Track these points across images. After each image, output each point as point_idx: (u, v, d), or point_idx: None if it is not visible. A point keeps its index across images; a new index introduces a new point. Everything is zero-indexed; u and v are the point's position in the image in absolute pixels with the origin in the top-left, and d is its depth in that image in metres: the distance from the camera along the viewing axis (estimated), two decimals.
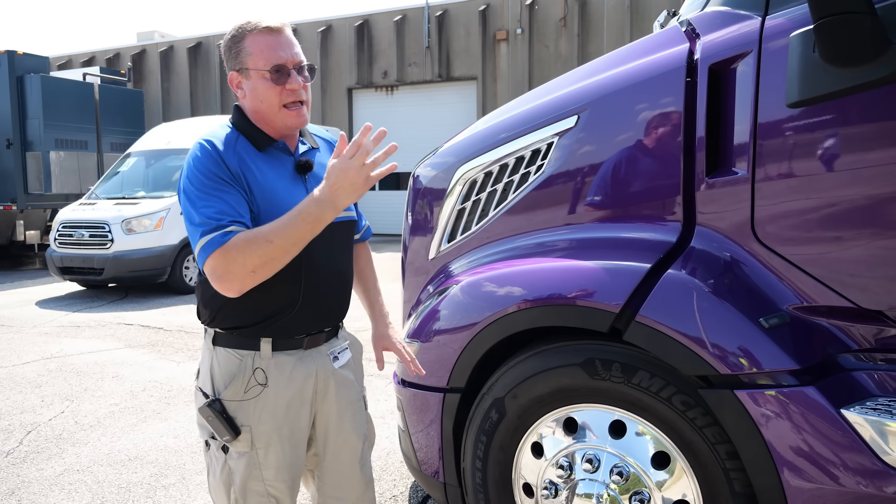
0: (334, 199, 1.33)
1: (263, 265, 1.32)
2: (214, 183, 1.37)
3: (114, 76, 13.98)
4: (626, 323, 1.69)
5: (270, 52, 1.43)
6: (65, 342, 5.92)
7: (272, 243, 1.31)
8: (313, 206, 1.33)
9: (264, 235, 1.32)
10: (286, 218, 1.33)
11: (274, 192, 1.45)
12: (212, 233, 1.32)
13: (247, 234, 1.33)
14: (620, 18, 15.05)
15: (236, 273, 1.31)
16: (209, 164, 1.39)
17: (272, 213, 1.40)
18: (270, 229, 1.33)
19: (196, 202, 1.37)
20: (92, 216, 8.53)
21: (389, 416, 3.79)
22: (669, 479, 1.70)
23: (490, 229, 2.13)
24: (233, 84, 1.50)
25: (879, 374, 1.57)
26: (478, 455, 1.97)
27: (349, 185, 1.32)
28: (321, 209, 1.33)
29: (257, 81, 1.45)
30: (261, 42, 1.44)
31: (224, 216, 1.34)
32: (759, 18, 1.65)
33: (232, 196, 1.37)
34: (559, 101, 2.01)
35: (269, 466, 1.52)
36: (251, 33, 1.45)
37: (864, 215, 1.55)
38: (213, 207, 1.35)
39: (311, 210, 1.33)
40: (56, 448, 3.48)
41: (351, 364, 1.69)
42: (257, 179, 1.44)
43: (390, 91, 17.75)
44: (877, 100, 1.50)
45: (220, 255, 1.31)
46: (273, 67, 1.43)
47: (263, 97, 1.45)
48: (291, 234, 1.32)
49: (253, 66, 1.44)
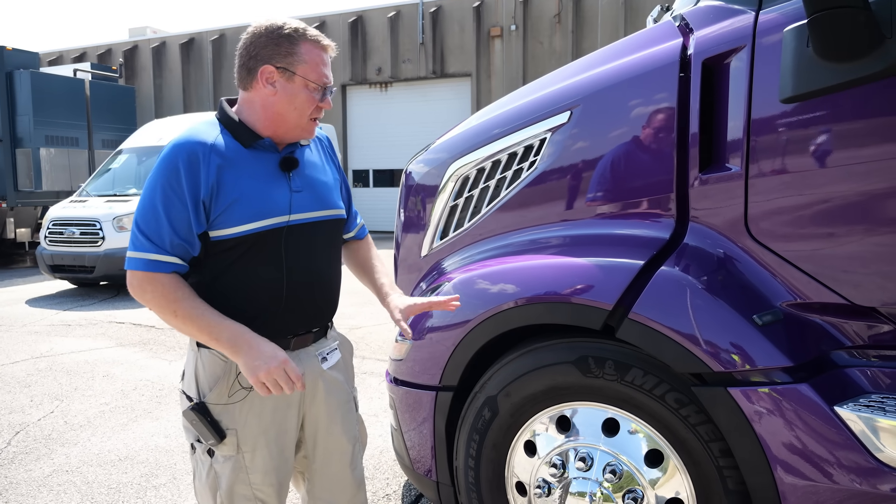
0: (236, 348, 1.38)
1: (160, 316, 1.42)
2: (167, 199, 1.38)
3: (105, 72, 13.86)
4: (620, 320, 1.68)
5: (323, 67, 1.48)
6: (55, 341, 5.87)
7: (176, 317, 1.39)
8: (225, 348, 1.38)
9: (175, 307, 1.38)
10: (205, 314, 1.38)
11: (250, 190, 1.43)
12: (144, 252, 1.39)
13: (171, 289, 1.38)
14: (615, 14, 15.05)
15: (142, 300, 1.42)
16: (172, 176, 1.38)
17: (245, 211, 1.41)
18: (185, 308, 1.37)
19: (147, 208, 1.40)
20: (83, 214, 8.46)
21: (383, 415, 3.77)
22: (663, 476, 1.69)
23: (483, 226, 2.11)
24: (262, 76, 1.45)
25: (872, 370, 1.56)
26: (470, 453, 1.96)
27: (248, 354, 1.37)
28: (225, 350, 1.39)
29: (300, 89, 1.46)
30: (316, 56, 1.47)
31: (162, 238, 1.39)
32: (753, 13, 1.64)
33: (179, 216, 1.38)
34: (552, 97, 2.00)
35: (255, 470, 1.50)
36: (309, 42, 1.46)
37: (857, 211, 1.54)
38: (155, 225, 1.39)
39: (219, 345, 1.38)
40: (45, 448, 3.45)
41: (340, 365, 1.67)
42: (237, 177, 1.42)
43: (384, 87, 17.70)
44: (871, 95, 1.48)
45: (139, 277, 1.40)
46: (322, 84, 1.48)
47: (299, 105, 1.47)
48: (193, 328, 1.39)
49: (303, 73, 1.45)
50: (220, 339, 1.37)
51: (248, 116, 1.48)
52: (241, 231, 1.41)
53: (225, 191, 1.40)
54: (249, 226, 1.42)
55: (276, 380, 1.34)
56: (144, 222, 1.39)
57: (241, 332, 1.38)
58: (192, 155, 1.39)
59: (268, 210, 1.44)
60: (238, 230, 1.41)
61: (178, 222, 1.38)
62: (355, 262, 1.82)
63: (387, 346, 5.41)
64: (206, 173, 1.39)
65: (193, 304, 1.38)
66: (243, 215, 1.41)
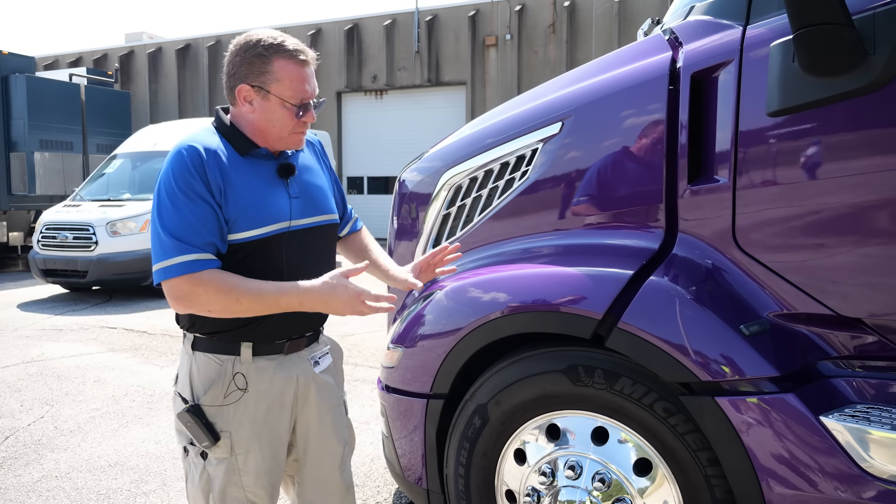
0: (315, 307, 1.41)
1: (221, 312, 1.37)
2: (188, 198, 1.37)
3: (101, 77, 13.86)
4: (609, 329, 1.69)
5: (299, 84, 1.43)
6: (46, 346, 5.84)
7: (240, 304, 1.35)
8: (294, 300, 1.38)
9: (236, 294, 1.35)
10: (264, 290, 1.37)
11: (252, 197, 1.44)
12: (180, 255, 1.34)
13: (220, 281, 1.35)
14: (609, 25, 15.18)
15: (194, 305, 1.37)
16: (187, 176, 1.38)
17: (249, 217, 1.41)
18: (244, 291, 1.36)
19: (171, 213, 1.37)
20: (76, 218, 8.44)
21: (374, 422, 3.77)
22: (651, 485, 1.70)
23: (475, 234, 2.12)
24: (240, 95, 1.44)
25: (858, 381, 1.58)
26: (461, 461, 1.97)
27: (333, 306, 1.41)
28: (299, 304, 1.39)
29: (276, 107, 1.44)
30: (291, 72, 1.42)
31: (193, 237, 1.35)
32: (741, 28, 1.67)
33: (204, 214, 1.37)
34: (543, 108, 2.02)
35: (248, 472, 1.50)
36: (282, 58, 1.41)
37: (843, 223, 1.56)
38: (184, 226, 1.35)
39: (290, 301, 1.39)
40: (34, 454, 3.42)
41: (331, 369, 1.68)
42: (236, 185, 1.43)
43: (380, 95, 17.76)
44: (856, 109, 1.51)
45: (187, 282, 1.35)
46: (299, 102, 1.44)
47: (277, 123, 1.45)
48: (260, 307, 1.38)
49: (277, 92, 1.42)
50: (290, 305, 1.39)
51: (242, 127, 1.50)
52: (247, 237, 1.43)
53: (230, 197, 1.42)
54: (252, 232, 1.43)
55: (371, 304, 1.38)
56: (173, 226, 1.36)
57: (301, 291, 1.39)
58: (200, 158, 1.40)
59: (270, 217, 1.45)
60: (241, 236, 1.43)
61: (207, 219, 1.37)
62: (354, 250, 1.83)
63: (379, 353, 5.40)
64: (213, 177, 1.40)
65: (249, 285, 1.37)
66: (246, 222, 1.42)
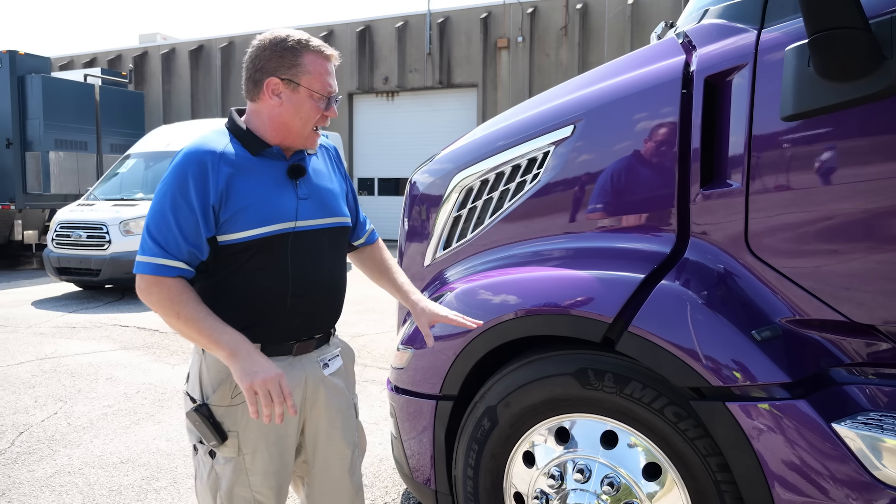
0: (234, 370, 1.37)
1: (165, 319, 1.43)
2: (175, 205, 1.41)
3: (115, 77, 14.00)
4: (619, 333, 1.69)
5: (326, 77, 1.51)
6: (60, 343, 5.90)
7: (178, 319, 1.39)
8: (225, 350, 1.37)
9: (176, 311, 1.39)
10: (204, 321, 1.39)
11: (257, 197, 1.46)
12: (153, 256, 1.41)
13: (178, 291, 1.40)
14: (621, 28, 15.12)
15: (149, 303, 1.44)
16: (183, 183, 1.41)
17: (251, 216, 1.44)
18: (187, 314, 1.39)
19: (157, 214, 1.43)
20: (90, 217, 8.52)
21: (383, 423, 3.78)
22: (660, 490, 1.69)
23: (485, 237, 2.13)
24: (268, 88, 1.49)
25: (871, 388, 1.57)
26: (469, 463, 1.97)
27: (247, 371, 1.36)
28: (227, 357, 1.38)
29: (305, 100, 1.49)
30: (319, 66, 1.50)
31: (169, 243, 1.41)
32: (755, 31, 1.66)
33: (186, 222, 1.41)
34: (555, 111, 2.02)
35: (255, 472, 1.51)
36: (312, 52, 1.49)
37: (857, 229, 1.55)
38: (164, 231, 1.41)
39: (221, 350, 1.38)
40: (48, 449, 3.46)
41: (342, 371, 1.68)
42: (242, 185, 1.45)
43: (391, 97, 17.80)
44: (871, 114, 1.50)
45: (147, 280, 1.42)
46: (326, 93, 1.51)
47: (304, 115, 1.50)
48: (192, 332, 1.40)
49: (307, 84, 1.48)
50: (220, 342, 1.37)
51: (257, 126, 1.52)
52: (248, 236, 1.44)
53: (234, 197, 1.44)
54: (256, 231, 1.45)
55: (269, 391, 1.33)
56: (155, 227, 1.42)
57: (242, 340, 1.39)
58: (202, 163, 1.42)
59: (274, 216, 1.47)
60: (245, 235, 1.44)
61: (187, 228, 1.41)
62: (370, 266, 1.85)
63: (388, 354, 5.41)
64: (214, 180, 1.42)
65: (196, 308, 1.40)
66: (251, 220, 1.44)
